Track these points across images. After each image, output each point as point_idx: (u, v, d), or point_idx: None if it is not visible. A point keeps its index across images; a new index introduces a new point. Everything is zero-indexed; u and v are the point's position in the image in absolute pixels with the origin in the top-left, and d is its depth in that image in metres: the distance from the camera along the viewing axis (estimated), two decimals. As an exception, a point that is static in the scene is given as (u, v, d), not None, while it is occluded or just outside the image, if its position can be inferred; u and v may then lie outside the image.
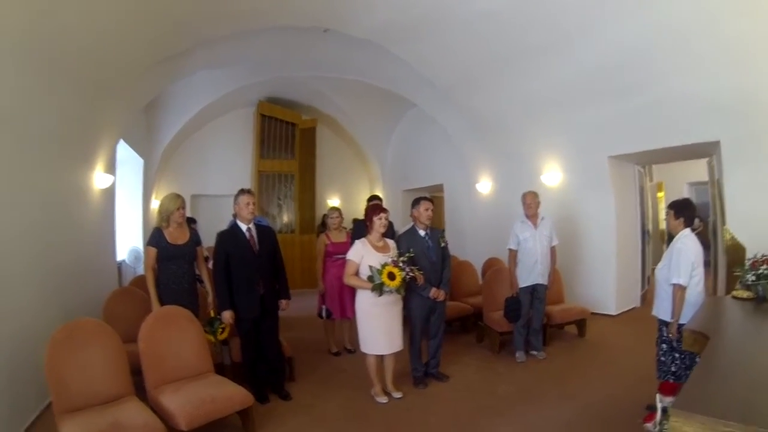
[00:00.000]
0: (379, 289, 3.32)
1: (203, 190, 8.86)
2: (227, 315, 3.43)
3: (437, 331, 3.94)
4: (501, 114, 6.44)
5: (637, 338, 4.81)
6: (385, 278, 3.31)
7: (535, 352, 4.48)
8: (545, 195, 6.19)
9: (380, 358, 3.62)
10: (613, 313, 5.88)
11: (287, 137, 9.33)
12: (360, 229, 4.66)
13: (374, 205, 3.86)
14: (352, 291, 3.75)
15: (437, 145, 8.38)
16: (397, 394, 3.63)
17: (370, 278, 3.36)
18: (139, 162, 6.99)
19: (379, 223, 3.57)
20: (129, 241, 6.63)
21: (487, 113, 6.61)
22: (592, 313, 5.34)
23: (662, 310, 3.04)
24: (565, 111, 5.64)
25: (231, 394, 2.90)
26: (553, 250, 4.51)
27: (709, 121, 4.44)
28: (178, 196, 3.59)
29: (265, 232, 3.72)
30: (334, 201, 10.82)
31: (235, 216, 3.66)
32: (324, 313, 4.67)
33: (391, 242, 3.72)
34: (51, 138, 3.65)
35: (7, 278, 2.97)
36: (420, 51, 5.84)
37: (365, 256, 3.47)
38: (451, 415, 3.32)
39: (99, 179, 4.64)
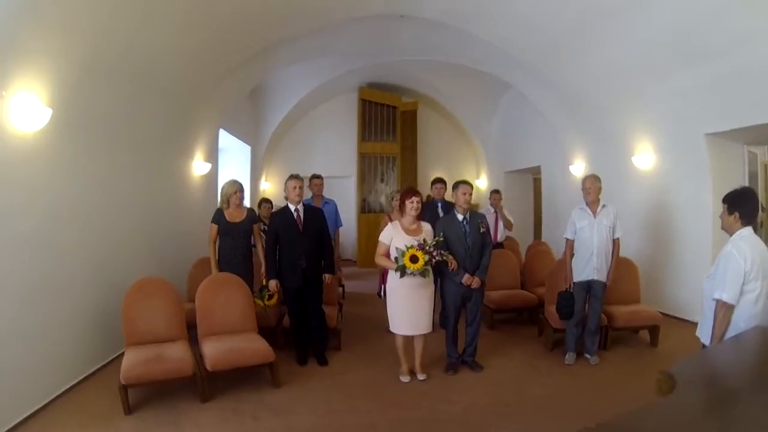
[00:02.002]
0: (401, 270, 3.38)
1: (310, 172, 9.80)
2: (272, 284, 3.94)
3: (473, 319, 3.88)
4: (589, 87, 5.72)
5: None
6: (406, 260, 3.34)
7: (588, 356, 4.03)
8: (637, 179, 5.39)
9: (410, 339, 3.71)
10: (705, 320, 4.82)
11: (388, 120, 9.66)
12: (425, 210, 4.77)
13: (406, 189, 3.90)
14: None
15: (534, 125, 7.88)
16: (422, 376, 3.70)
17: (396, 260, 3.44)
18: (246, 148, 8.15)
19: (410, 206, 3.62)
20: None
21: (575, 87, 5.93)
22: (679, 319, 4.52)
23: (705, 331, 2.41)
24: (655, 78, 4.74)
25: (256, 349, 3.39)
26: (615, 243, 3.95)
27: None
28: (235, 182, 4.22)
29: (313, 212, 4.10)
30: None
31: (286, 198, 4.13)
32: (382, 293, 4.90)
33: (426, 225, 3.73)
34: (158, 138, 4.70)
35: (129, 250, 4.17)
36: (496, 27, 5.54)
37: (394, 237, 3.56)
38: (462, 407, 3.25)
39: (198, 167, 5.69)
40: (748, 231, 2.35)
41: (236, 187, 4.12)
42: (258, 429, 2.94)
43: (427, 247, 3.40)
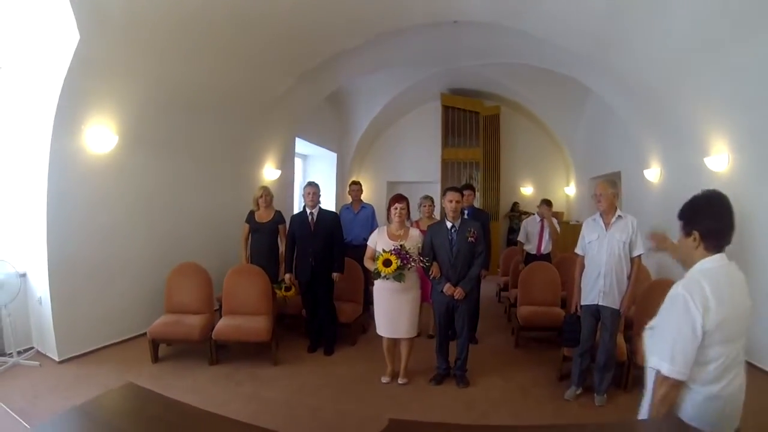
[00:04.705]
0: (375, 273, 3.56)
1: (398, 177, 10.34)
2: (287, 276, 4.54)
3: (461, 331, 3.77)
4: (649, 74, 4.83)
5: None
6: (379, 264, 3.48)
7: (596, 394, 3.47)
8: (712, 185, 4.27)
9: (395, 342, 3.82)
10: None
11: (471, 126, 9.55)
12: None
13: (393, 197, 3.98)
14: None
15: (614, 128, 7.05)
16: (402, 380, 3.79)
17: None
18: (331, 156, 9.04)
19: (393, 212, 3.76)
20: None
21: (639, 77, 5.08)
22: (750, 365, 3.42)
23: (645, 403, 1.66)
24: (714, 54, 3.79)
25: (255, 328, 4.01)
26: (635, 262, 3.34)
27: None
28: (262, 188, 4.92)
29: (326, 216, 4.55)
30: (527, 188, 10.30)
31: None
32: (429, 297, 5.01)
33: (414, 231, 3.81)
34: (220, 150, 5.78)
35: (191, 244, 5.26)
36: (543, 22, 5.11)
37: (378, 242, 3.73)
38: (411, 416, 3.17)
39: (268, 173, 6.67)
40: (713, 262, 1.50)
41: (262, 192, 4.83)
42: (235, 392, 3.55)
43: (403, 252, 3.49)
